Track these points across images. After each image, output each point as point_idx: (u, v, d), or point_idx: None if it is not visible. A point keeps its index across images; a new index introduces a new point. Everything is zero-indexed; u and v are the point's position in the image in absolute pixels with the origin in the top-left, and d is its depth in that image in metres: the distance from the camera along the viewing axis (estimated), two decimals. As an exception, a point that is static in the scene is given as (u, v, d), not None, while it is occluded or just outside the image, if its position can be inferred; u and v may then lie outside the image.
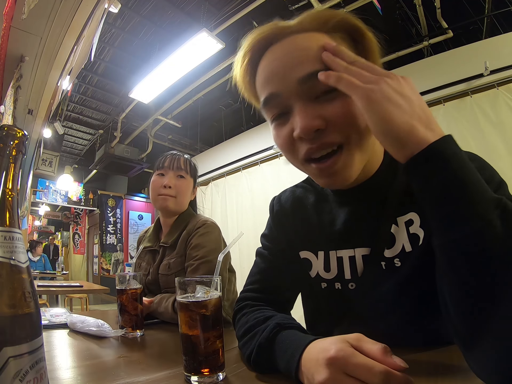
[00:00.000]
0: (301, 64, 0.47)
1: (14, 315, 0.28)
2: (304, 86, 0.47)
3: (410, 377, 0.34)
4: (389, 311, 0.55)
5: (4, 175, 0.32)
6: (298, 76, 0.47)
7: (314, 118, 0.46)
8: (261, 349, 0.48)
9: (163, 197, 1.10)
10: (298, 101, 0.48)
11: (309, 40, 0.49)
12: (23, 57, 2.36)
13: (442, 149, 0.37)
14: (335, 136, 0.47)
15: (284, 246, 0.69)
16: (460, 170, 0.36)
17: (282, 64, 0.49)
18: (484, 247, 0.34)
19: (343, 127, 0.47)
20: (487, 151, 2.43)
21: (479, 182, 0.36)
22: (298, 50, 0.48)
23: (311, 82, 0.47)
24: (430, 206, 0.38)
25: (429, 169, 0.37)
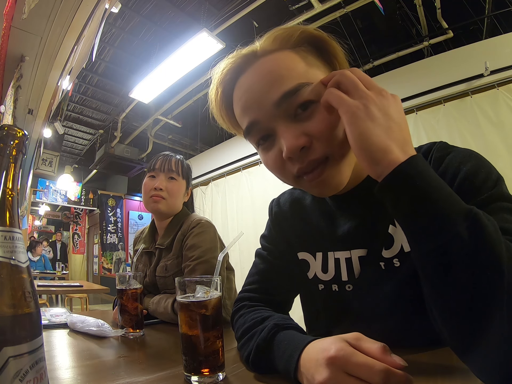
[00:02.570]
0: (272, 87, 0.48)
1: (14, 315, 0.28)
2: (280, 108, 0.48)
3: (410, 375, 0.34)
4: (388, 311, 0.55)
5: (4, 175, 0.32)
6: (273, 100, 0.48)
7: (297, 136, 0.47)
8: (259, 350, 0.48)
9: (154, 200, 1.09)
10: (279, 124, 0.49)
11: (276, 61, 0.50)
12: (23, 57, 2.36)
13: (408, 169, 0.38)
14: (320, 151, 0.48)
15: (283, 247, 0.70)
16: (426, 187, 0.37)
17: (255, 92, 0.50)
18: (451, 259, 0.35)
19: (326, 141, 0.47)
20: (487, 151, 2.43)
21: (447, 196, 0.37)
22: (267, 74, 0.49)
23: (286, 102, 0.47)
24: (400, 222, 0.40)
25: (396, 189, 0.38)
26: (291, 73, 0.48)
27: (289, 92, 0.47)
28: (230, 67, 0.54)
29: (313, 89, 0.47)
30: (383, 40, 3.76)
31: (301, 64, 0.49)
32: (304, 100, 0.47)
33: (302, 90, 0.47)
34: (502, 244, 0.34)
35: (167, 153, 1.18)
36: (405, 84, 2.98)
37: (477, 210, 0.35)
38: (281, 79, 0.48)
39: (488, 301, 0.33)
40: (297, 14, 3.02)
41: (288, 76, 0.48)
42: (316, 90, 0.47)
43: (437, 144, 0.55)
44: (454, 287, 0.35)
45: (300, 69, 0.49)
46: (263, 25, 3.42)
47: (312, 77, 0.49)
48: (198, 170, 4.57)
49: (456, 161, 0.50)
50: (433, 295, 0.38)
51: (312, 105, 0.47)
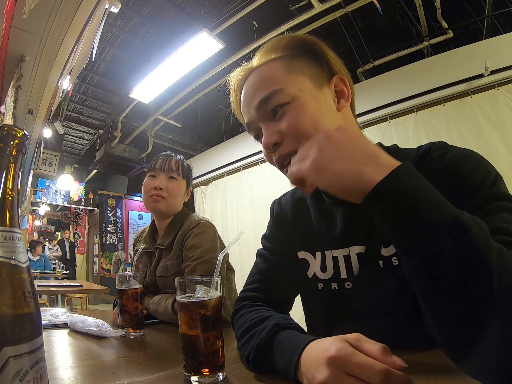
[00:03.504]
0: (254, 95, 0.58)
1: (14, 315, 0.28)
2: (260, 112, 0.57)
3: (409, 376, 0.34)
4: (388, 310, 0.55)
5: (4, 175, 0.32)
6: (253, 106, 0.58)
7: (271, 135, 0.56)
8: (260, 350, 0.48)
9: (154, 199, 1.09)
10: (262, 123, 0.58)
11: (259, 73, 0.59)
12: (24, 56, 2.36)
13: (389, 186, 0.37)
14: (290, 146, 0.55)
15: (283, 247, 0.70)
16: (409, 201, 0.36)
17: (245, 99, 0.60)
18: (439, 272, 0.35)
19: (294, 138, 0.54)
20: (487, 151, 2.43)
21: (433, 206, 0.36)
22: (252, 85, 0.59)
23: (262, 107, 0.57)
24: (389, 236, 0.40)
25: (380, 207, 0.38)
26: (268, 82, 0.57)
27: (263, 99, 0.56)
28: (238, 79, 0.64)
29: (285, 93, 0.55)
30: (383, 40, 3.75)
31: (281, 72, 0.57)
32: (275, 104, 0.55)
33: (274, 96, 0.55)
34: (492, 252, 0.33)
35: (167, 153, 1.18)
36: (405, 84, 2.98)
37: (465, 218, 0.35)
38: (259, 88, 0.57)
39: (479, 310, 0.33)
40: (297, 14, 3.02)
41: (264, 85, 0.57)
42: (288, 93, 0.55)
43: (436, 144, 0.55)
44: (443, 298, 0.35)
45: (278, 77, 0.56)
46: (263, 25, 3.42)
47: (288, 81, 0.56)
48: (198, 170, 4.57)
49: (455, 160, 0.50)
50: (425, 305, 0.38)
51: (283, 107, 0.55)
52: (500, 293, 0.32)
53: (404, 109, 2.95)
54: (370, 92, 3.08)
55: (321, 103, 0.56)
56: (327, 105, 0.56)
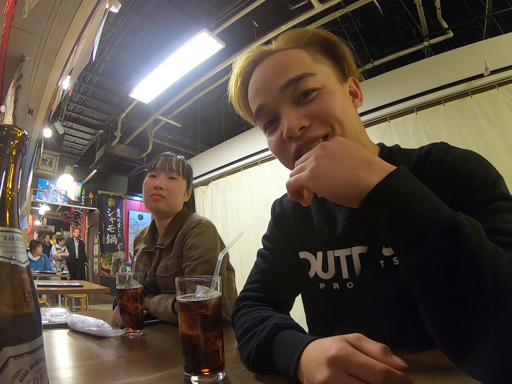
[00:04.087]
0: (279, 75, 0.55)
1: (14, 315, 0.28)
2: (285, 93, 0.54)
3: (409, 377, 0.34)
4: (389, 310, 0.55)
5: (4, 175, 0.32)
6: (279, 86, 0.54)
7: (297, 118, 0.53)
8: (260, 350, 0.48)
9: (154, 198, 1.09)
10: (283, 107, 0.55)
11: (285, 55, 0.57)
12: (24, 56, 2.36)
13: (384, 190, 0.38)
14: (319, 130, 0.52)
15: (284, 247, 0.70)
16: (405, 204, 0.37)
17: (265, 79, 0.57)
18: (434, 273, 0.35)
19: (325, 121, 0.52)
20: (487, 151, 2.43)
21: (428, 209, 0.37)
22: (277, 65, 0.56)
23: (290, 88, 0.54)
24: (386, 238, 0.41)
25: (375, 211, 0.39)
26: (297, 65, 0.54)
27: (293, 79, 0.53)
28: (250, 59, 0.60)
29: (316, 79, 0.53)
30: (383, 40, 3.76)
31: (308, 59, 0.56)
32: (306, 88, 0.53)
33: (305, 79, 0.53)
34: (486, 253, 0.34)
35: (168, 153, 1.19)
36: (405, 84, 2.98)
37: (460, 219, 0.35)
38: (287, 69, 0.54)
39: (474, 311, 0.33)
40: (297, 14, 3.02)
41: (294, 67, 0.54)
42: (318, 80, 0.53)
43: (437, 145, 0.55)
44: (439, 299, 0.36)
45: (306, 63, 0.55)
46: (263, 25, 3.42)
47: (318, 69, 0.55)
48: (198, 170, 4.57)
49: (456, 161, 0.50)
50: (422, 306, 0.39)
51: (313, 92, 0.53)
52: (496, 293, 0.32)
53: (404, 109, 2.95)
54: (370, 92, 3.08)
55: (346, 95, 0.58)
56: (349, 99, 0.58)
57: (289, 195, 0.47)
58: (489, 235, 0.38)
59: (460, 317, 0.34)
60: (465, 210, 0.46)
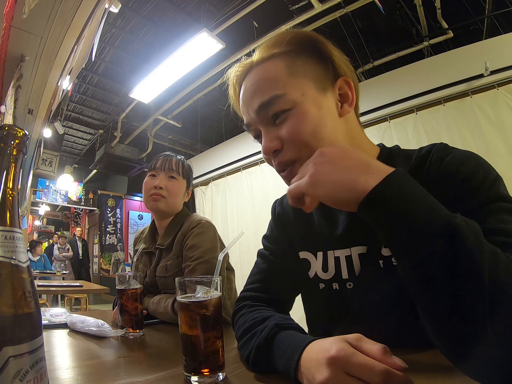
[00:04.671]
0: (254, 97, 0.56)
1: (14, 314, 0.28)
2: (260, 115, 0.56)
3: (410, 377, 0.34)
4: (389, 310, 0.55)
5: (4, 174, 0.32)
6: (253, 109, 0.56)
7: (272, 140, 0.55)
8: (260, 350, 0.48)
9: (153, 198, 1.09)
10: (261, 127, 0.57)
11: (260, 73, 0.56)
12: (24, 56, 2.36)
13: (381, 192, 0.38)
14: (289, 155, 0.54)
15: (284, 247, 0.70)
16: (402, 206, 0.37)
17: (244, 100, 0.58)
18: (431, 275, 0.35)
19: (294, 145, 0.53)
20: (487, 151, 2.43)
21: (425, 210, 0.37)
22: (252, 85, 0.57)
23: (262, 111, 0.55)
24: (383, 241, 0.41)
25: (373, 213, 0.39)
26: (269, 84, 0.54)
27: (264, 103, 0.54)
28: (237, 74, 0.61)
29: (286, 99, 0.53)
30: (383, 40, 3.76)
31: (283, 73, 0.54)
32: (276, 110, 0.54)
33: (275, 101, 0.53)
34: (484, 254, 0.34)
35: (168, 153, 1.19)
36: (405, 84, 2.98)
37: (457, 221, 0.35)
38: (259, 90, 0.55)
39: (472, 313, 0.33)
40: (297, 14, 3.02)
41: (266, 88, 0.54)
42: (289, 99, 0.53)
43: (437, 146, 0.55)
44: (437, 301, 0.36)
45: (280, 79, 0.54)
46: (263, 25, 3.42)
47: (291, 85, 0.54)
48: (198, 170, 4.57)
49: (455, 162, 0.50)
50: (420, 308, 0.39)
51: (284, 114, 0.53)
52: (493, 294, 0.32)
53: (404, 109, 2.95)
54: (370, 92, 3.08)
55: (323, 109, 0.54)
56: (329, 111, 0.55)
57: (291, 202, 0.47)
58: (488, 236, 0.38)
59: (458, 318, 0.34)
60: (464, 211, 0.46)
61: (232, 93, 0.65)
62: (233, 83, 0.63)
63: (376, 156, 0.61)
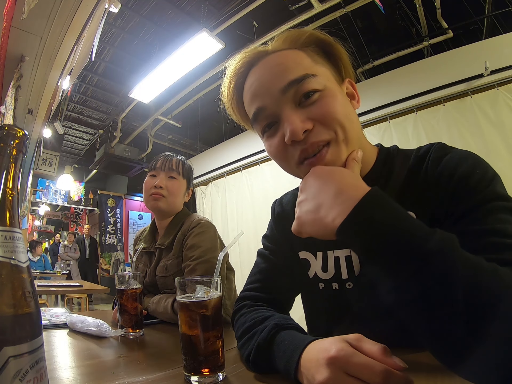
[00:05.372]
0: (280, 76, 0.52)
1: (14, 314, 0.28)
2: (286, 95, 0.52)
3: (409, 377, 0.34)
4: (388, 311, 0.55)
5: (4, 174, 0.32)
6: (280, 87, 0.52)
7: (301, 121, 0.50)
8: (260, 350, 0.48)
9: (154, 197, 1.10)
10: (284, 109, 0.52)
11: (284, 56, 0.55)
12: (23, 57, 2.35)
13: (346, 230, 0.39)
14: (323, 134, 0.51)
15: (284, 247, 0.70)
16: (370, 239, 0.38)
17: (264, 80, 0.54)
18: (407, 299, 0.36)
19: (328, 125, 0.51)
20: (487, 151, 2.43)
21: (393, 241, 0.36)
22: (276, 66, 0.54)
23: (291, 90, 0.52)
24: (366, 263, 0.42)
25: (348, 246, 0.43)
26: (297, 66, 0.53)
27: (295, 80, 0.51)
28: (244, 60, 0.58)
29: (318, 80, 0.52)
30: (383, 40, 3.76)
31: (308, 60, 0.54)
32: (308, 89, 0.51)
33: (307, 80, 0.51)
34: (458, 275, 0.33)
35: (168, 153, 1.20)
36: (405, 84, 2.98)
37: (429, 247, 0.35)
38: (288, 70, 0.52)
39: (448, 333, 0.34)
40: (297, 14, 3.02)
41: (294, 68, 0.52)
42: (320, 81, 0.52)
43: (435, 145, 0.55)
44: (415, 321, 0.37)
45: (306, 64, 0.53)
46: (263, 25, 3.42)
47: (318, 71, 0.53)
48: (198, 170, 4.57)
49: (453, 162, 0.50)
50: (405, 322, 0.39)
51: (315, 94, 0.51)
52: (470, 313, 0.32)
53: (404, 109, 2.95)
54: (370, 92, 3.08)
55: (345, 98, 0.56)
56: (349, 101, 0.57)
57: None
58: (485, 237, 0.39)
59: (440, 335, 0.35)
60: (462, 211, 0.46)
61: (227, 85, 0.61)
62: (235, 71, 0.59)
63: (374, 153, 0.61)
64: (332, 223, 0.40)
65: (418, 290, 0.34)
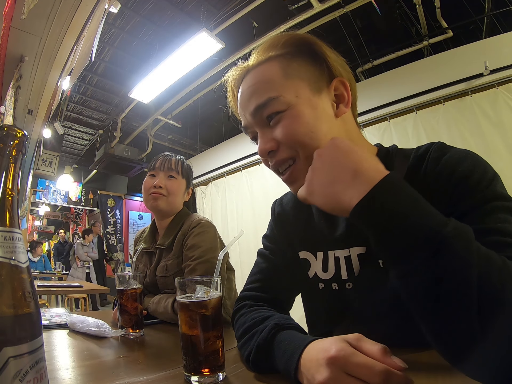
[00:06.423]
0: (250, 100, 0.57)
1: (14, 315, 0.28)
2: (256, 118, 0.57)
3: (409, 377, 0.34)
4: (388, 310, 0.55)
5: (4, 175, 0.32)
6: (249, 111, 0.57)
7: (267, 142, 0.55)
8: (260, 350, 0.48)
9: (153, 197, 1.10)
10: (257, 129, 0.58)
11: (257, 75, 0.57)
12: (23, 57, 2.35)
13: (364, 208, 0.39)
14: (285, 154, 0.55)
15: (284, 247, 0.70)
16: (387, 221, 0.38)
17: (241, 102, 0.59)
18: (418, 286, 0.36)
19: (290, 145, 0.54)
20: (487, 151, 2.43)
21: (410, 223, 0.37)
22: (248, 88, 0.57)
23: (258, 113, 0.56)
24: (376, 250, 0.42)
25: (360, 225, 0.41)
26: (265, 87, 0.55)
27: (259, 105, 0.55)
28: (235, 78, 0.62)
29: (280, 101, 0.54)
30: (382, 39, 3.75)
31: (278, 76, 0.55)
32: (270, 112, 0.54)
33: (270, 103, 0.54)
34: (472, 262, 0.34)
35: (167, 153, 1.20)
36: (404, 83, 2.98)
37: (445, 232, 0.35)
38: (256, 93, 0.56)
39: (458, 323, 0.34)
40: (296, 13, 3.02)
41: (262, 90, 0.55)
42: (284, 101, 0.53)
43: (434, 145, 0.55)
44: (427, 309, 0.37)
45: (275, 82, 0.55)
46: (263, 25, 3.42)
47: (285, 88, 0.54)
48: (198, 170, 4.57)
49: (452, 162, 0.50)
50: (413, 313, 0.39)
51: (278, 115, 0.54)
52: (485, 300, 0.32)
53: (403, 109, 2.95)
54: (370, 91, 3.08)
55: (318, 109, 0.54)
56: (324, 112, 0.55)
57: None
58: (486, 236, 0.39)
59: (450, 326, 0.35)
60: (461, 211, 0.46)
61: (231, 96, 0.66)
62: (231, 86, 0.64)
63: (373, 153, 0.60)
64: (349, 202, 0.40)
65: (433, 274, 0.34)
